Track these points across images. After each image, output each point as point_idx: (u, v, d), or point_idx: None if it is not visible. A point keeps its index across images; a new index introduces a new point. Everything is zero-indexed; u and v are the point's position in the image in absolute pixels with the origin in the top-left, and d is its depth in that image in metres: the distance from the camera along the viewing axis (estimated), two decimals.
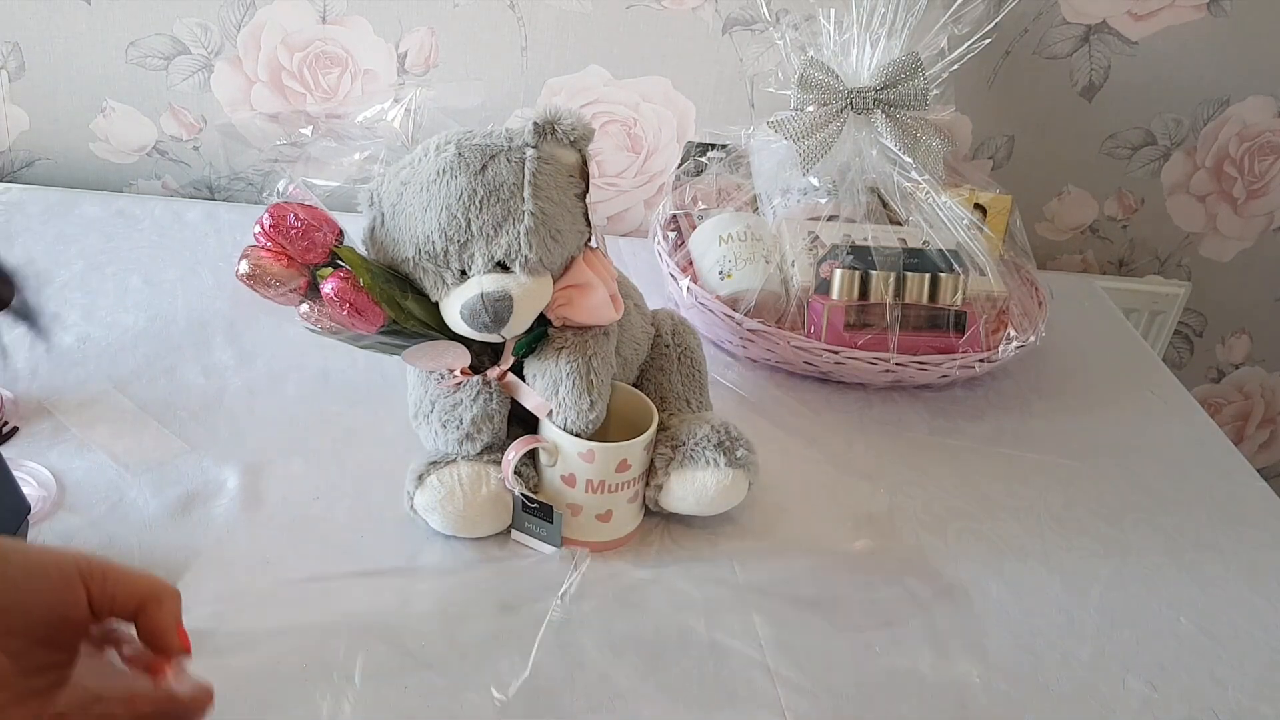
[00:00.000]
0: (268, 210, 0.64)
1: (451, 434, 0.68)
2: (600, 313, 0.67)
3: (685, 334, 0.79)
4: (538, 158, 0.64)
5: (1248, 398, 1.41)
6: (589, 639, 0.64)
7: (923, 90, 0.94)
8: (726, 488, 0.69)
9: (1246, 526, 0.82)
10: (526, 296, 0.64)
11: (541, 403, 0.67)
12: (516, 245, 0.63)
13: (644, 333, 0.77)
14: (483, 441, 0.68)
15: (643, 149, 1.15)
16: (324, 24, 1.05)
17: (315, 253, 0.64)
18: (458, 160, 0.64)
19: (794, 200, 0.99)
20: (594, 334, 0.68)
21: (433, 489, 0.67)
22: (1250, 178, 1.22)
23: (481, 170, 0.63)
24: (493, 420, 0.68)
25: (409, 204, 0.65)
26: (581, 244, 0.67)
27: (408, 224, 0.65)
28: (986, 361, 0.91)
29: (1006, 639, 0.68)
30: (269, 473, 0.73)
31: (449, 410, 0.68)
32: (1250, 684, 0.67)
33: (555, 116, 0.65)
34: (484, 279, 0.63)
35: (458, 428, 0.67)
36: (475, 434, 0.67)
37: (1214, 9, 1.10)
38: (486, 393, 0.68)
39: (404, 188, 0.65)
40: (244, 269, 0.64)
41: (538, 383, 0.67)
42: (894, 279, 0.90)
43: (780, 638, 0.65)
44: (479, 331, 0.64)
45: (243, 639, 0.61)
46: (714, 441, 0.70)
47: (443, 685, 0.59)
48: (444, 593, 0.66)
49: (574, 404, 0.66)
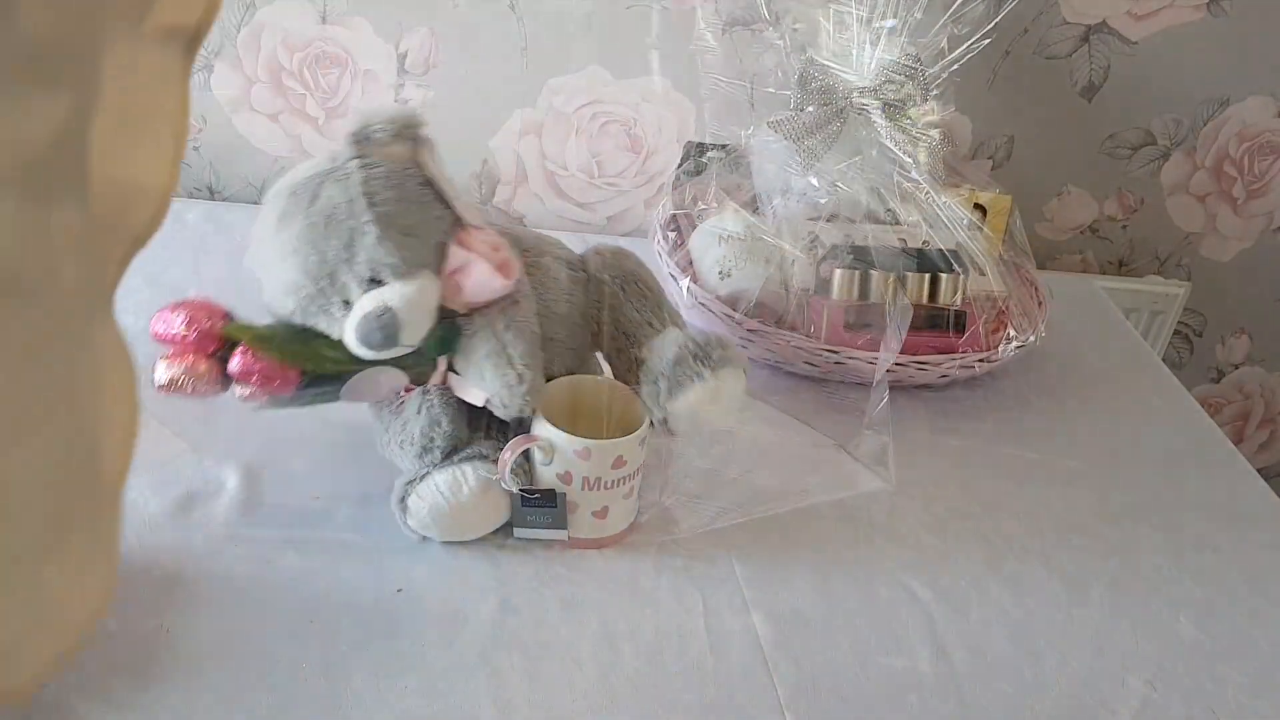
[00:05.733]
0: (151, 321, 0.64)
1: (409, 452, 0.68)
2: (489, 287, 0.65)
3: (621, 260, 0.76)
4: (363, 166, 0.63)
5: (1247, 398, 1.41)
6: (588, 638, 0.64)
7: (923, 90, 0.94)
8: (720, 390, 0.68)
9: (1246, 526, 0.82)
10: (408, 302, 0.62)
11: (477, 393, 0.66)
12: (375, 257, 0.62)
13: (573, 280, 0.74)
14: (440, 449, 0.68)
15: (643, 149, 1.15)
16: (324, 24, 1.05)
17: (211, 341, 0.64)
18: (291, 201, 0.63)
19: (794, 200, 0.99)
20: (500, 309, 0.66)
21: (416, 508, 0.67)
22: (1250, 178, 1.22)
23: (313, 202, 0.62)
24: (441, 425, 0.67)
25: (268, 260, 0.64)
26: (448, 229, 0.65)
27: (277, 279, 0.64)
28: (986, 361, 0.91)
29: (1006, 639, 0.68)
30: (269, 473, 0.73)
31: (400, 431, 0.69)
32: (1250, 684, 0.67)
33: (367, 121, 0.64)
34: (363, 300, 0.62)
35: (411, 445, 0.68)
36: (430, 445, 0.67)
37: (1214, 9, 1.10)
38: (427, 403, 0.68)
39: (260, 245, 0.65)
40: (159, 379, 0.63)
41: (468, 374, 0.67)
42: (894, 279, 0.90)
43: (780, 638, 0.65)
44: (382, 351, 0.63)
45: (243, 639, 0.61)
46: (689, 355, 0.68)
47: (443, 685, 0.60)
48: (444, 592, 0.66)
49: (501, 385, 0.65)
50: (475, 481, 0.67)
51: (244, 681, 0.58)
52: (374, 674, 0.60)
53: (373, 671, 0.60)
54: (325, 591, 0.65)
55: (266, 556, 0.66)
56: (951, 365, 0.90)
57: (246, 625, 0.62)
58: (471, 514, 0.67)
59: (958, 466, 0.85)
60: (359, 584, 0.66)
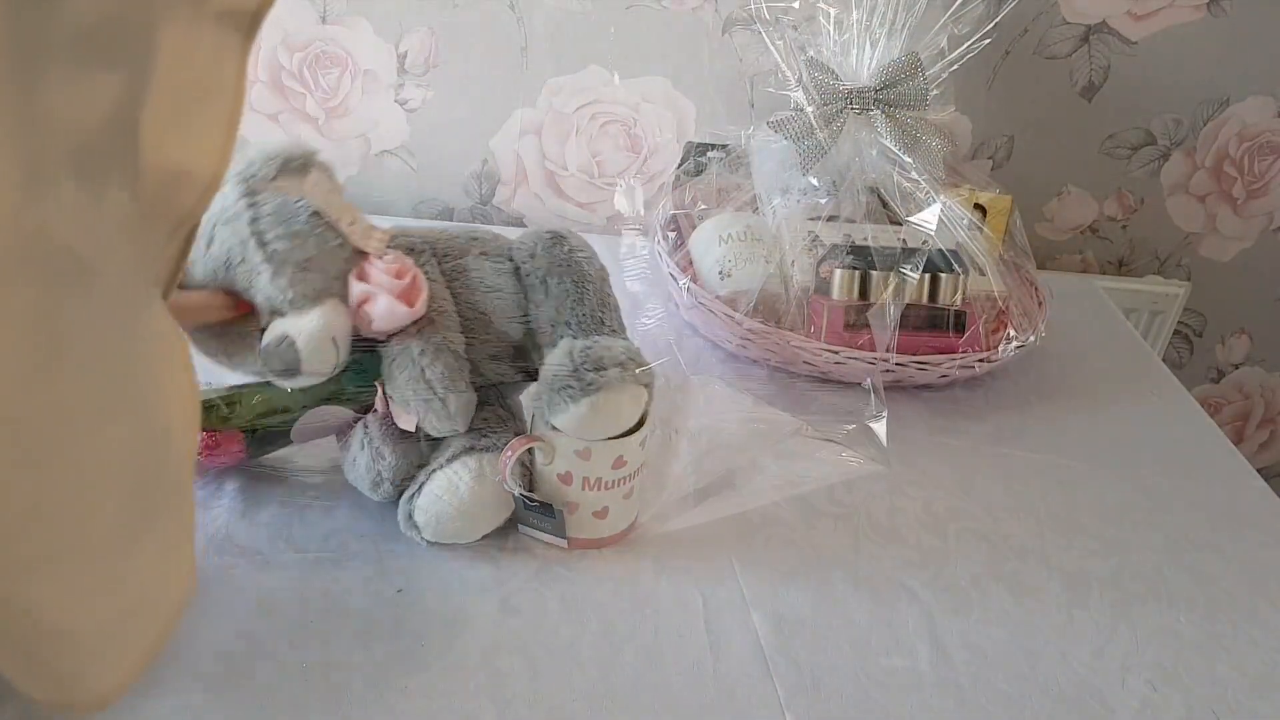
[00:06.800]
0: None
1: (364, 485, 0.69)
2: (394, 316, 0.63)
3: (545, 253, 0.71)
4: (249, 206, 0.61)
5: (1247, 398, 1.41)
6: (588, 638, 0.64)
7: (923, 90, 0.94)
8: (598, 410, 0.64)
9: (1246, 526, 0.82)
10: (308, 334, 0.61)
11: (409, 419, 0.66)
12: (271, 295, 0.61)
13: (498, 273, 0.70)
14: (390, 481, 0.68)
15: (643, 149, 1.15)
16: (324, 24, 1.05)
17: None
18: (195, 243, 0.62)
19: (794, 200, 0.98)
20: (415, 330, 0.65)
21: (425, 522, 0.67)
22: (1250, 178, 1.22)
23: (209, 246, 0.62)
24: (384, 458, 0.67)
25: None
26: (348, 257, 0.64)
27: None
28: (986, 361, 0.91)
29: (1006, 639, 0.68)
30: (269, 472, 0.73)
31: (351, 466, 0.69)
32: (1250, 684, 0.67)
33: (249, 160, 0.63)
34: (266, 331, 0.62)
35: (362, 479, 0.69)
36: (378, 480, 0.68)
37: (1214, 9, 1.10)
38: (367, 437, 0.68)
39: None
40: None
41: (395, 400, 0.66)
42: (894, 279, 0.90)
43: (780, 638, 0.66)
44: (289, 380, 0.62)
45: (242, 639, 0.61)
46: (564, 378, 0.64)
47: (443, 686, 0.60)
48: (444, 592, 0.66)
49: (426, 410, 0.64)
50: (469, 477, 0.66)
51: (244, 681, 0.58)
52: (374, 674, 0.60)
53: (373, 671, 0.60)
54: (325, 591, 0.65)
55: (266, 557, 0.66)
56: (951, 365, 0.90)
57: (246, 625, 0.62)
58: (477, 507, 0.67)
59: (958, 466, 0.85)
60: (359, 584, 0.66)
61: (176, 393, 0.39)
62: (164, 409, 0.38)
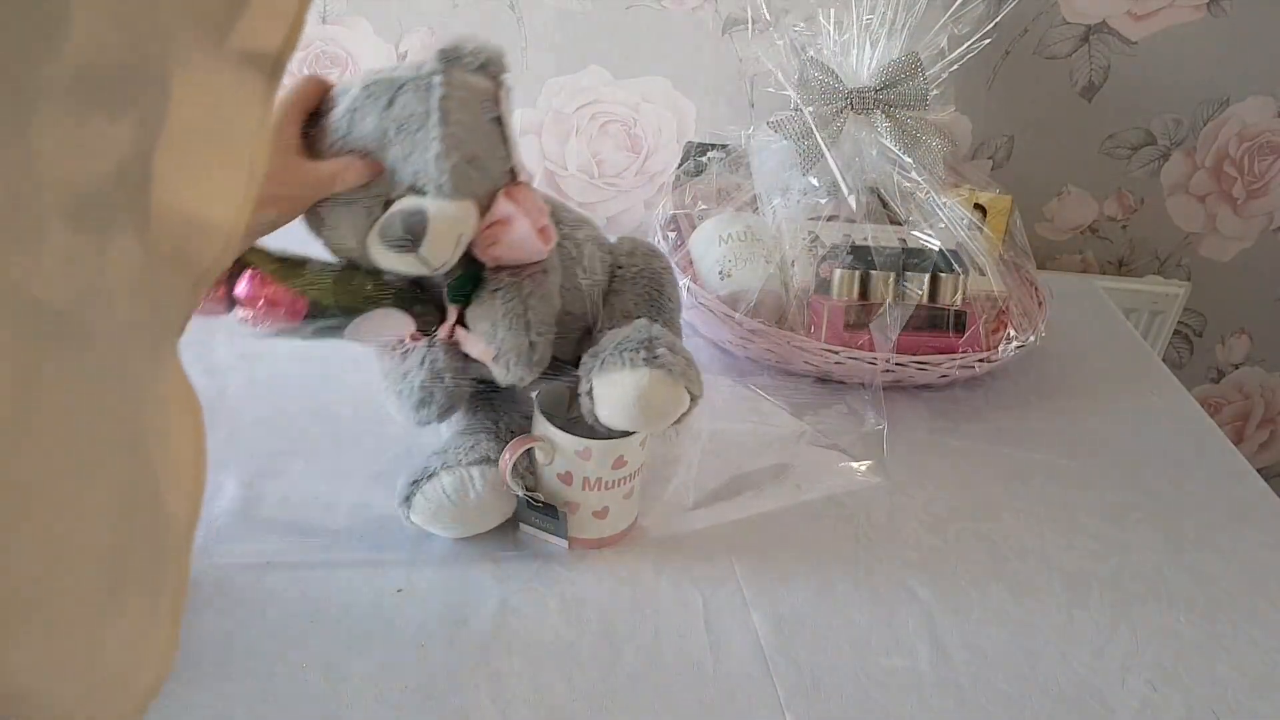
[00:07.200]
0: None
1: (406, 403, 0.67)
2: (527, 247, 0.64)
3: (645, 257, 0.75)
4: (445, 84, 0.62)
5: (1247, 398, 1.41)
6: (588, 638, 0.64)
7: (923, 90, 0.94)
8: (649, 385, 0.63)
9: (1246, 526, 0.82)
10: (443, 217, 0.61)
11: (485, 348, 0.65)
12: (430, 172, 0.61)
13: (601, 263, 0.73)
14: (439, 405, 0.67)
15: (643, 149, 1.15)
16: (324, 24, 1.05)
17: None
18: (365, 98, 0.62)
19: (794, 200, 0.99)
20: (529, 273, 0.66)
21: (421, 508, 0.67)
22: (1250, 178, 1.22)
23: (389, 105, 0.61)
24: (442, 380, 0.67)
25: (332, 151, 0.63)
26: (504, 173, 0.65)
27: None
28: (986, 361, 0.91)
29: (1006, 639, 0.68)
30: (269, 473, 0.73)
31: (400, 380, 0.68)
32: (1250, 684, 0.67)
33: (459, 43, 0.63)
34: (402, 201, 0.62)
35: (410, 395, 0.67)
36: (428, 399, 0.67)
37: (1214, 9, 1.10)
38: (431, 355, 0.67)
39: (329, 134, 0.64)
40: None
41: (478, 327, 0.66)
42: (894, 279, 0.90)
43: (780, 638, 0.66)
44: (396, 252, 0.61)
45: (242, 639, 0.61)
46: (634, 342, 0.65)
47: (443, 685, 0.60)
48: (444, 592, 0.66)
49: (513, 345, 0.64)
50: (482, 487, 0.67)
51: (244, 681, 0.58)
52: (374, 674, 0.60)
53: (373, 671, 0.60)
54: (325, 591, 0.65)
55: (266, 557, 0.66)
56: (951, 365, 0.90)
57: (246, 625, 0.62)
58: (477, 514, 0.67)
59: (958, 466, 0.85)
60: (359, 584, 0.66)
61: (177, 457, 0.38)
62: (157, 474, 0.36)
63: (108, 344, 0.33)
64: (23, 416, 0.30)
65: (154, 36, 0.31)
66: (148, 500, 0.36)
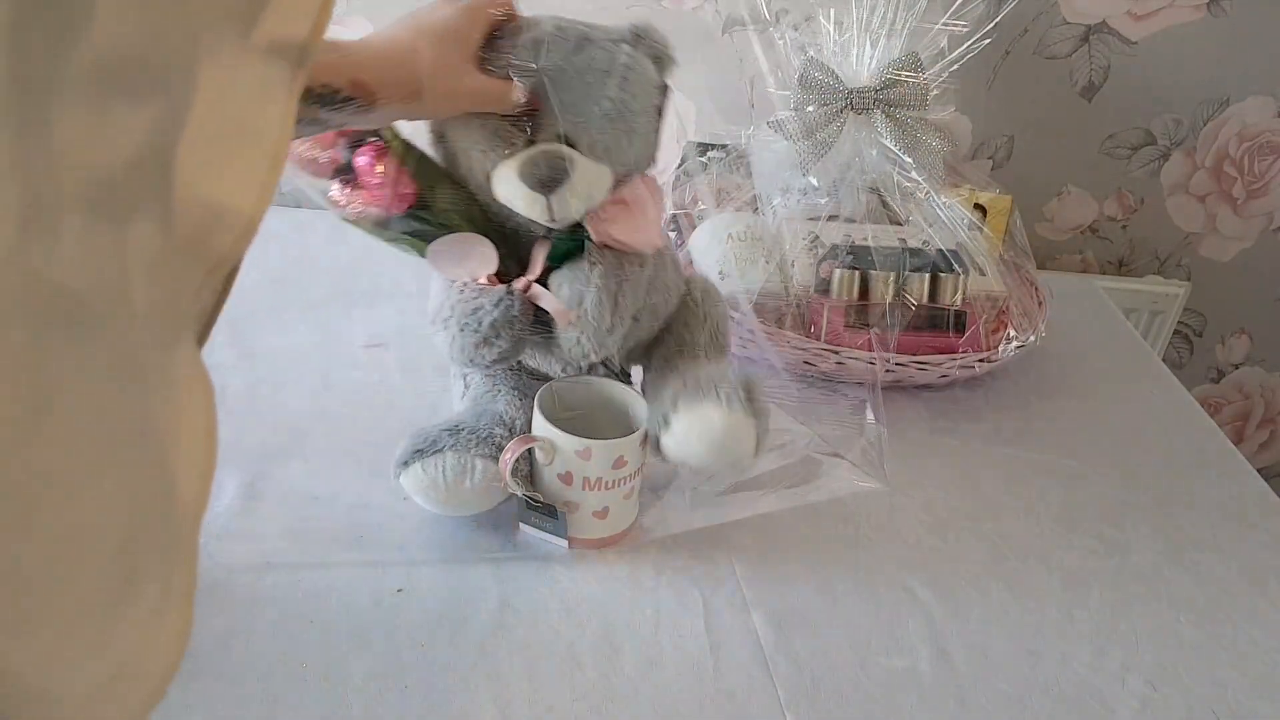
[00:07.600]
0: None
1: (469, 338, 0.66)
2: (644, 235, 0.66)
3: (713, 301, 0.78)
4: (631, 55, 0.64)
5: (1247, 398, 1.41)
6: (588, 638, 0.64)
7: (923, 90, 0.94)
8: (734, 428, 0.65)
9: (1246, 526, 0.82)
10: (586, 172, 0.62)
11: (563, 309, 0.66)
12: (589, 126, 0.62)
13: (676, 286, 0.75)
14: (500, 349, 0.66)
15: None
16: None
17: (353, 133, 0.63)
18: (557, 37, 0.63)
19: (794, 200, 0.99)
20: (630, 259, 0.67)
21: (415, 478, 0.67)
22: (1250, 178, 1.22)
23: (577, 50, 0.63)
24: (513, 327, 0.66)
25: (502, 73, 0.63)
26: (648, 157, 0.67)
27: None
28: (986, 361, 0.91)
29: (1006, 639, 0.68)
30: (269, 473, 0.73)
31: (469, 314, 0.66)
32: (1250, 684, 0.67)
33: (652, 29, 0.66)
34: (549, 145, 0.62)
35: (475, 331, 0.66)
36: (494, 339, 0.66)
37: (1214, 9, 1.10)
38: (509, 300, 0.66)
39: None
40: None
41: (563, 290, 0.66)
42: (894, 279, 0.90)
43: (780, 638, 0.65)
44: (528, 188, 0.62)
45: (243, 639, 0.61)
46: (724, 382, 0.66)
47: (443, 685, 0.60)
48: (444, 592, 0.66)
49: (596, 319, 0.65)
50: (480, 479, 0.67)
51: (243, 681, 0.58)
52: (374, 674, 0.60)
53: (373, 671, 0.60)
54: (325, 591, 0.65)
55: (266, 557, 0.66)
56: (951, 365, 0.90)
57: (246, 625, 0.62)
58: (462, 500, 0.68)
59: (958, 466, 0.85)
60: (359, 584, 0.66)
61: (190, 443, 0.38)
62: (169, 467, 0.36)
63: (121, 332, 0.33)
64: (42, 403, 0.30)
65: (180, 27, 0.31)
66: (162, 485, 0.36)
